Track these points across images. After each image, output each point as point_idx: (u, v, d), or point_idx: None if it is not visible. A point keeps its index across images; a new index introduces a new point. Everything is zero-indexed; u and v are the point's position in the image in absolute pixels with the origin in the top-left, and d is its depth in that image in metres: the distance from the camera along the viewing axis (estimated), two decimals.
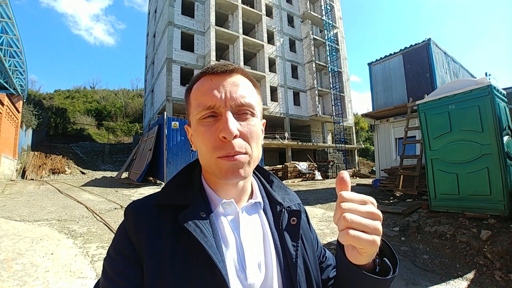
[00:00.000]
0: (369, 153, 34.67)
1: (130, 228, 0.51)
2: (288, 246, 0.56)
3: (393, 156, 9.29)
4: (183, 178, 0.60)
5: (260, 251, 0.55)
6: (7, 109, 10.18)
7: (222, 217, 0.55)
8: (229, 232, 0.54)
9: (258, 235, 0.57)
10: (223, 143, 0.50)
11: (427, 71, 9.51)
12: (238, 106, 0.52)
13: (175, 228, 0.51)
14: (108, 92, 44.22)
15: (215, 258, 0.47)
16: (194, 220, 0.50)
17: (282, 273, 0.55)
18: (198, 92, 0.55)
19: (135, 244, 0.50)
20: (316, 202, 6.73)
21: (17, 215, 4.38)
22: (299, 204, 0.66)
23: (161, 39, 21.38)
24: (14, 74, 14.01)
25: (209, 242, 0.48)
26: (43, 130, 25.46)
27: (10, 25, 10.73)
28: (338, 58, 27.74)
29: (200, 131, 0.53)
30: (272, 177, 0.69)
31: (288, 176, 16.62)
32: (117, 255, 0.50)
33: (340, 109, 25.57)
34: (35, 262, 2.77)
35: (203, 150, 0.53)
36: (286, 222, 0.59)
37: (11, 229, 3.44)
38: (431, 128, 4.67)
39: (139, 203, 0.55)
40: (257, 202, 0.61)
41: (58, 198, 6.49)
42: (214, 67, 0.55)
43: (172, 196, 0.55)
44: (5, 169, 10.51)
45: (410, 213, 5.07)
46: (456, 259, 3.52)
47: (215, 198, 0.56)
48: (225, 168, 0.50)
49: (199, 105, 0.53)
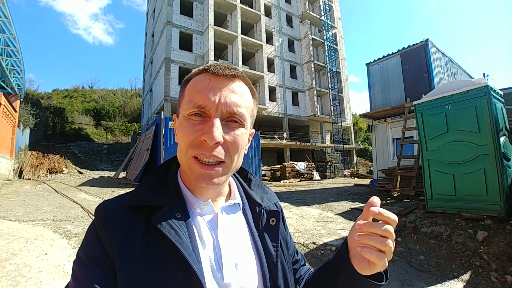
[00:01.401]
0: (368, 153, 34.75)
1: (101, 230, 0.49)
2: (268, 247, 0.57)
3: (391, 157, 9.29)
4: (158, 178, 0.58)
5: (238, 251, 0.55)
6: (4, 108, 10.12)
7: (199, 217, 0.55)
8: (206, 232, 0.53)
9: (237, 235, 0.57)
10: (201, 144, 0.49)
11: (424, 72, 9.52)
12: (229, 113, 0.51)
13: (148, 229, 0.49)
14: (106, 91, 44.10)
15: (190, 259, 0.46)
16: (169, 221, 0.49)
17: (263, 273, 0.55)
18: (193, 88, 0.53)
19: (106, 247, 0.48)
20: (314, 202, 6.72)
21: (12, 215, 4.35)
22: (276, 203, 0.67)
23: (160, 39, 21.35)
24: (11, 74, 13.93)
25: (184, 244, 0.47)
26: (41, 130, 25.35)
27: (7, 24, 10.67)
28: (337, 58, 27.78)
29: (184, 126, 0.52)
30: (250, 176, 0.69)
31: (286, 176, 16.60)
32: (88, 259, 0.48)
33: (339, 109, 25.61)
34: (29, 262, 2.75)
35: (181, 145, 0.52)
36: (265, 223, 0.60)
37: (6, 229, 3.41)
38: (428, 129, 4.66)
39: (110, 204, 0.53)
40: (236, 203, 0.60)
41: (54, 198, 6.45)
42: (216, 68, 0.53)
43: (145, 196, 0.52)
44: (1, 169, 10.44)
45: (406, 214, 5.07)
46: (452, 260, 3.52)
47: (192, 198, 0.55)
48: (197, 173, 0.50)
49: (190, 101, 0.52)
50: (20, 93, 15.79)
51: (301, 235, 3.95)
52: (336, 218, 4.99)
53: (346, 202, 6.69)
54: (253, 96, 0.58)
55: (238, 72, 0.55)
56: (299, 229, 4.22)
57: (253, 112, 0.59)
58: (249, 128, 0.58)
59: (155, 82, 22.25)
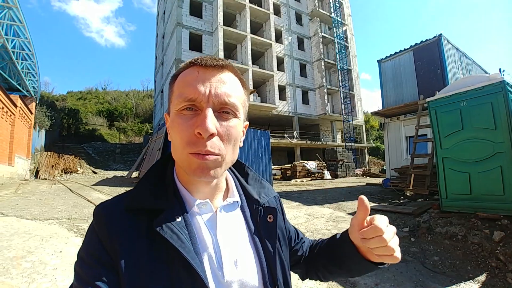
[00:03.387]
0: (380, 152, 34.14)
1: (102, 232, 0.49)
2: (266, 243, 0.58)
3: (404, 155, 9.10)
4: (155, 179, 0.57)
5: (237, 248, 0.55)
6: (20, 110, 10.45)
7: (197, 216, 0.55)
8: (205, 232, 0.54)
9: (235, 233, 0.57)
10: (197, 139, 0.49)
11: (438, 68, 9.28)
12: (220, 104, 0.51)
13: (150, 233, 0.49)
14: (119, 93, 44.96)
15: (193, 262, 0.47)
16: (170, 225, 0.49)
17: (262, 269, 0.56)
18: (182, 82, 0.52)
19: (107, 248, 0.48)
20: (325, 201, 6.64)
21: (29, 213, 4.47)
22: (275, 197, 0.68)
23: (170, 40, 21.58)
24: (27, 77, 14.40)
25: (187, 248, 0.48)
26: (56, 131, 26.08)
27: (22, 28, 11.03)
28: (347, 55, 27.39)
29: (177, 122, 0.51)
30: (247, 169, 0.69)
31: (296, 176, 16.51)
32: (90, 258, 0.48)
33: (350, 108, 25.27)
34: (44, 259, 2.82)
35: (177, 143, 0.51)
36: (263, 220, 0.61)
37: (22, 228, 3.52)
38: (442, 126, 4.54)
39: (109, 205, 0.53)
40: (235, 201, 0.61)
41: (69, 197, 6.61)
42: (204, 59, 0.53)
43: (144, 199, 0.52)
44: (18, 169, 10.80)
45: (420, 214, 4.95)
46: (468, 261, 3.41)
47: (190, 198, 0.55)
48: (195, 166, 0.49)
49: (180, 95, 0.51)
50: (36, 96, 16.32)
51: (312, 235, 3.91)
52: (347, 218, 4.91)
53: None
54: (243, 87, 0.58)
55: (226, 62, 0.55)
56: (310, 229, 4.18)
57: (245, 103, 0.58)
58: (243, 119, 0.58)
59: (166, 83, 22.52)
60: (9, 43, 11.06)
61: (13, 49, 11.60)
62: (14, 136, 9.56)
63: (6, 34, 10.64)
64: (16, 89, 14.33)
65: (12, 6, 9.49)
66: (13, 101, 9.29)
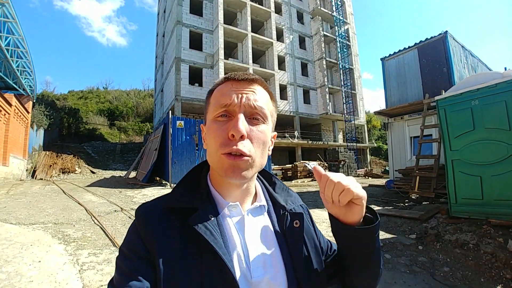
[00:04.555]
0: (382, 152, 33.82)
1: (142, 228, 0.53)
2: (292, 247, 0.60)
3: (408, 156, 8.82)
4: (190, 181, 0.63)
5: (264, 251, 0.58)
6: (15, 109, 10.25)
7: (227, 218, 0.58)
8: (234, 233, 0.57)
9: (262, 236, 0.60)
10: (230, 141, 0.53)
11: (444, 66, 9.02)
12: (251, 110, 0.56)
13: (184, 230, 0.53)
14: (120, 92, 44.78)
15: (225, 258, 0.50)
16: (204, 222, 0.53)
17: (287, 272, 0.58)
18: (218, 93, 0.59)
19: (146, 243, 0.52)
20: None
21: (14, 217, 4.25)
22: (301, 205, 0.70)
23: (170, 39, 21.38)
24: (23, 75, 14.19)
25: (219, 243, 0.51)
26: (56, 130, 25.87)
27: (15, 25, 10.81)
28: (349, 54, 27.08)
29: (213, 128, 0.56)
30: (274, 179, 0.72)
31: (297, 176, 16.26)
32: (131, 253, 0.52)
33: (352, 107, 24.98)
34: (21, 270, 2.60)
35: (212, 146, 0.56)
36: (289, 224, 0.63)
37: (4, 233, 3.30)
38: (452, 126, 4.27)
39: (149, 206, 0.58)
40: (262, 205, 0.63)
41: (60, 199, 6.37)
42: (237, 74, 0.59)
43: (180, 199, 0.57)
44: (14, 169, 10.59)
45: (428, 219, 4.68)
46: (480, 272, 3.17)
47: (222, 200, 0.59)
48: (226, 165, 0.53)
49: (216, 104, 0.57)
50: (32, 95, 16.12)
51: None
52: None
53: None
54: (271, 99, 0.63)
55: (257, 77, 0.60)
56: None
57: (273, 114, 0.64)
58: (271, 128, 0.62)
59: (166, 82, 22.31)
60: (3, 40, 10.84)
61: (7, 46, 11.38)
62: (8, 135, 9.36)
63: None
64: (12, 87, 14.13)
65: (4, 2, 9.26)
66: (7, 100, 9.08)
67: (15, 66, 12.86)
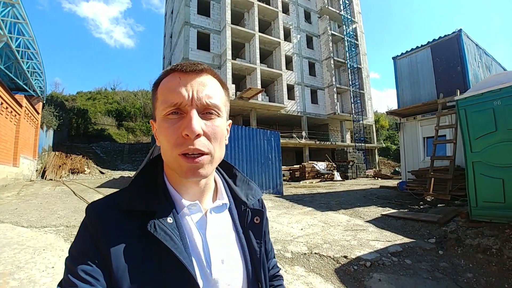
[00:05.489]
0: (390, 153, 33.40)
1: (94, 230, 0.50)
2: (252, 244, 0.61)
3: (421, 157, 8.63)
4: (146, 181, 0.59)
5: (225, 248, 0.58)
6: (25, 110, 10.33)
7: (187, 217, 0.57)
8: (195, 232, 0.56)
9: (223, 234, 0.60)
10: (185, 140, 0.51)
11: (458, 65, 8.79)
12: (204, 106, 0.53)
13: (143, 234, 0.51)
14: (128, 93, 45.08)
15: (186, 262, 0.50)
16: (162, 227, 0.51)
17: (247, 268, 0.59)
18: (165, 88, 0.55)
19: (99, 246, 0.49)
20: (339, 207, 6.22)
21: (26, 220, 4.23)
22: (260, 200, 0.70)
23: (178, 40, 21.45)
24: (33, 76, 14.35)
25: (179, 248, 0.51)
26: (65, 131, 26.19)
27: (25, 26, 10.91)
28: (357, 54, 26.82)
29: (164, 127, 0.53)
30: (235, 171, 0.71)
31: (305, 177, 16.15)
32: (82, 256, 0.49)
33: (360, 107, 24.71)
34: (34, 277, 2.52)
35: (165, 146, 0.53)
36: (250, 221, 0.63)
37: (15, 237, 3.26)
38: (473, 127, 4.13)
39: (102, 205, 0.54)
40: (224, 203, 0.62)
41: (71, 201, 6.38)
42: (184, 65, 0.55)
43: (136, 201, 0.54)
44: (24, 170, 10.69)
45: (446, 222, 4.54)
46: (505, 278, 3.06)
47: (180, 200, 0.57)
48: (185, 168, 0.52)
49: (165, 102, 0.53)
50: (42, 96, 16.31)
51: (330, 246, 3.53)
52: (366, 226, 4.53)
53: (375, 207, 6.15)
54: (223, 88, 0.60)
55: (205, 66, 0.57)
56: (327, 240, 3.80)
57: (226, 103, 0.62)
58: (226, 118, 0.60)
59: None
60: (13, 41, 10.96)
61: (18, 48, 11.50)
62: (19, 136, 9.44)
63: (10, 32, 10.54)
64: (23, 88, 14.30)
65: (14, 2, 9.35)
66: (18, 101, 9.15)
67: (26, 67, 13.01)
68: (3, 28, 9.58)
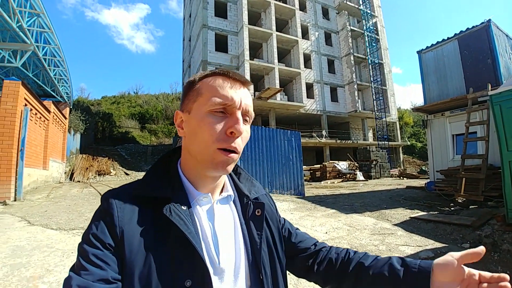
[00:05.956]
0: (415, 151, 32.11)
1: (109, 217, 0.52)
2: (253, 234, 0.63)
3: (450, 156, 8.20)
4: (161, 170, 0.63)
5: (231, 238, 0.61)
6: (53, 115, 10.84)
7: (198, 207, 0.60)
8: (205, 222, 0.59)
9: (229, 225, 0.63)
10: (227, 138, 0.55)
11: (488, 57, 8.27)
12: (245, 112, 0.59)
13: (156, 219, 0.54)
14: (150, 96, 46.44)
15: (198, 246, 0.52)
16: (177, 212, 0.54)
17: (248, 257, 0.61)
18: (215, 86, 0.58)
19: (112, 233, 0.51)
20: (364, 209, 6.00)
21: (55, 222, 4.37)
22: (265, 194, 0.74)
23: (196, 43, 21.78)
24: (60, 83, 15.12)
25: (192, 233, 0.53)
26: (91, 134, 27.43)
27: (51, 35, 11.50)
28: (379, 49, 25.97)
29: (208, 121, 0.56)
30: (240, 170, 0.75)
31: (327, 177, 15.86)
32: (96, 241, 0.50)
33: (382, 104, 23.93)
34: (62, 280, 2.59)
35: (204, 138, 0.56)
36: (251, 213, 0.66)
37: (45, 240, 3.38)
38: (509, 124, 3.85)
39: (118, 193, 0.56)
40: (229, 195, 0.66)
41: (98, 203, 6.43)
42: (234, 74, 0.60)
43: (153, 188, 0.57)
44: (53, 172, 11.25)
45: (480, 226, 4.27)
46: None
47: (193, 191, 0.60)
48: (219, 160, 0.56)
49: (213, 97, 0.56)
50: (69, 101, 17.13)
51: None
52: (394, 230, 4.33)
53: (403, 209, 5.88)
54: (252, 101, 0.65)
55: (248, 80, 0.62)
56: (353, 244, 3.67)
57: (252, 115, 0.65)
58: None
59: None
60: (40, 50, 11.59)
61: (45, 56, 12.14)
62: (48, 140, 9.91)
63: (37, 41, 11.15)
64: (51, 95, 15.11)
65: (39, 12, 9.87)
66: (46, 107, 9.62)
67: (53, 74, 13.71)
68: (29, 38, 10.15)
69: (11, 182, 6.33)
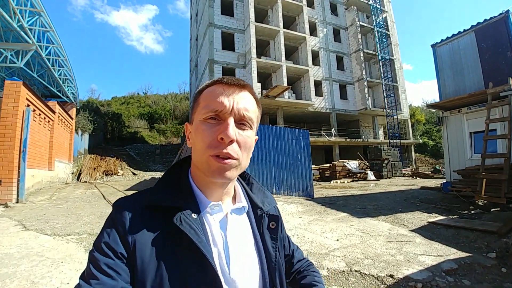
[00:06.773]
0: (427, 149, 31.25)
1: (120, 225, 0.52)
2: (268, 248, 0.63)
3: (468, 155, 7.75)
4: (171, 180, 0.62)
5: (243, 249, 0.60)
6: (59, 116, 10.82)
7: (209, 216, 0.59)
8: (217, 231, 0.59)
9: (242, 236, 0.62)
10: (219, 144, 0.55)
11: (508, 50, 7.79)
12: (240, 116, 0.57)
13: (167, 228, 0.53)
14: (158, 96, 46.77)
15: (209, 256, 0.52)
16: (188, 221, 0.54)
17: (262, 271, 0.61)
18: (209, 95, 0.59)
19: (124, 241, 0.51)
20: (378, 212, 5.60)
21: (50, 227, 4.22)
22: (275, 207, 0.73)
23: (203, 41, 21.64)
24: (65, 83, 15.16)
25: (203, 242, 0.53)
26: (100, 134, 27.67)
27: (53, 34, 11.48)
28: (389, 44, 25.27)
29: (201, 129, 0.57)
30: (252, 180, 0.75)
31: (336, 176, 15.47)
32: (107, 249, 0.50)
33: (393, 101, 23.28)
34: None
35: (199, 146, 0.57)
36: (266, 226, 0.66)
37: (36, 247, 3.22)
38: None
39: (130, 202, 0.57)
40: (243, 206, 0.65)
41: (99, 205, 6.43)
42: (228, 79, 0.60)
43: (162, 198, 0.57)
44: (59, 173, 11.24)
45: (507, 233, 3.90)
46: None
47: (204, 199, 0.60)
48: (214, 168, 0.55)
49: (207, 107, 0.57)
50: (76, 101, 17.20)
51: (372, 262, 3.06)
52: (412, 237, 3.98)
53: (419, 212, 5.49)
54: (257, 105, 0.64)
55: (246, 83, 0.61)
56: (368, 254, 3.33)
57: (258, 119, 0.65)
58: (255, 132, 0.63)
59: (200, 84, 22.53)
60: (43, 50, 11.58)
61: (48, 56, 12.14)
62: (53, 141, 9.87)
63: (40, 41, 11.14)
64: (57, 95, 15.17)
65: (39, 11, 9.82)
66: (50, 108, 9.56)
67: (57, 74, 13.74)
68: (31, 37, 10.12)
69: (12, 183, 6.25)
